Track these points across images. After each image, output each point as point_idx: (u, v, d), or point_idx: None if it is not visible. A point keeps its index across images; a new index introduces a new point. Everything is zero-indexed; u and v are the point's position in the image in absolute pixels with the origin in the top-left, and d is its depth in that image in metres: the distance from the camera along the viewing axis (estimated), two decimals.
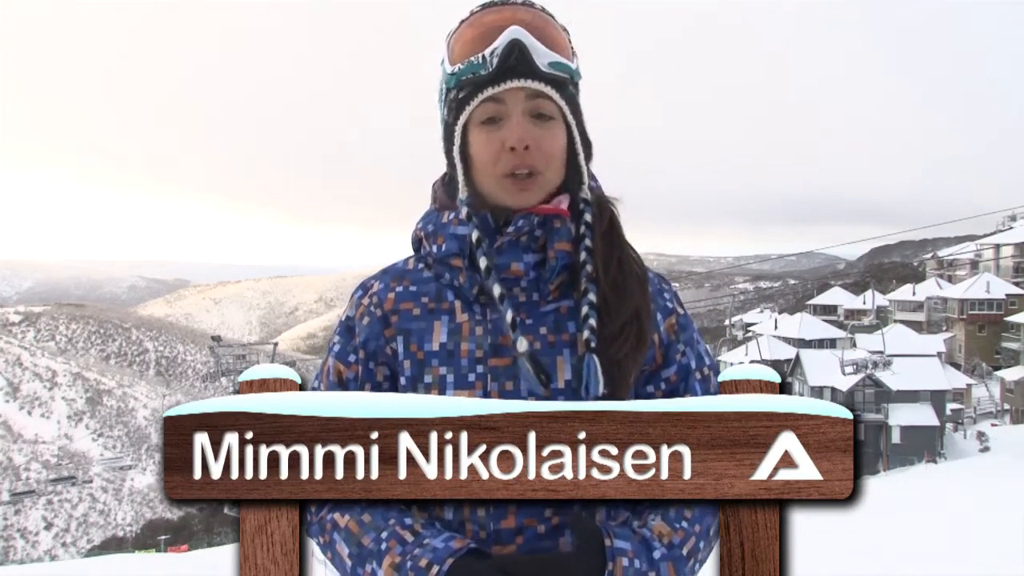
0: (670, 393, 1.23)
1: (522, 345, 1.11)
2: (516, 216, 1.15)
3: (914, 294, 57.56)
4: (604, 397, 1.12)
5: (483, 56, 1.10)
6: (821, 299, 66.53)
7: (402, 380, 1.19)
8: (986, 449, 33.85)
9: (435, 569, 1.02)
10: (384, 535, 1.08)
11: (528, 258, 1.15)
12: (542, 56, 1.11)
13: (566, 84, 1.15)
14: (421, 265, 1.25)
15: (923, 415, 36.09)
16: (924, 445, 35.21)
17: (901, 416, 36.20)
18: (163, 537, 46.10)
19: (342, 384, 1.23)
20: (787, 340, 50.86)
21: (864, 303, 60.20)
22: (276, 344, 31.70)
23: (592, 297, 1.14)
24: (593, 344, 1.12)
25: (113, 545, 57.41)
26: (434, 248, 1.20)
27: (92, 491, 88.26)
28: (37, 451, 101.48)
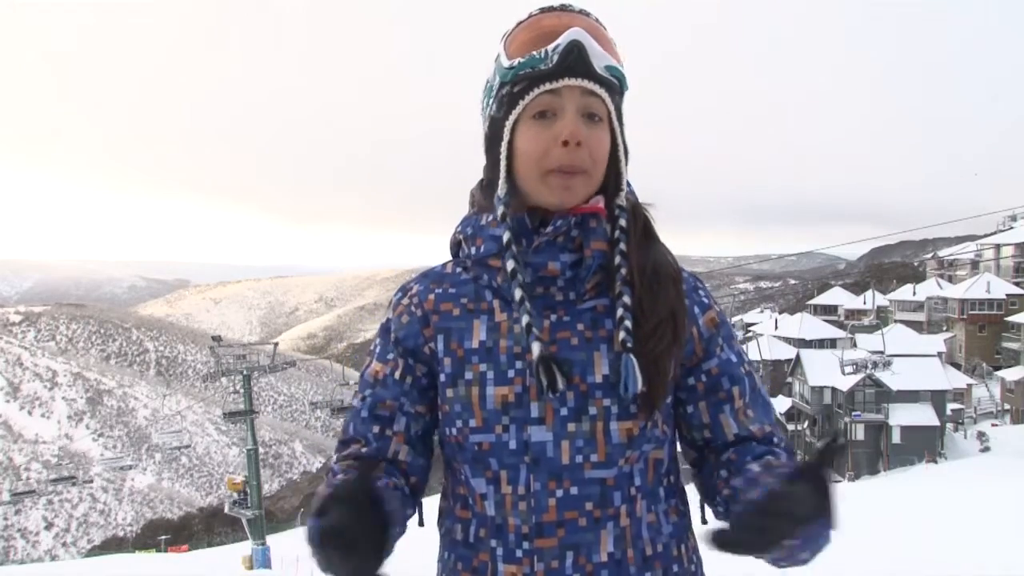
0: (711, 386, 1.24)
1: (535, 350, 1.12)
2: (555, 217, 1.17)
3: (914, 294, 57.45)
4: (642, 395, 1.14)
5: (545, 51, 1.12)
6: (821, 299, 66.45)
7: (442, 377, 1.20)
8: (986, 449, 33.83)
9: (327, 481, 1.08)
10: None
11: (565, 257, 1.17)
12: (599, 58, 1.13)
13: (616, 90, 1.17)
14: (459, 269, 1.27)
15: (923, 415, 36.07)
16: (924, 445, 35.20)
17: (901, 416, 36.18)
18: (163, 537, 46.11)
19: (379, 383, 1.24)
20: (787, 340, 50.86)
21: (864, 303, 60.15)
22: (276, 344, 31.60)
23: (627, 299, 1.16)
24: (629, 344, 1.13)
25: (113, 545, 57.44)
26: (473, 250, 1.22)
27: (92, 491, 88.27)
28: (37, 451, 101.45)
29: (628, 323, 1.14)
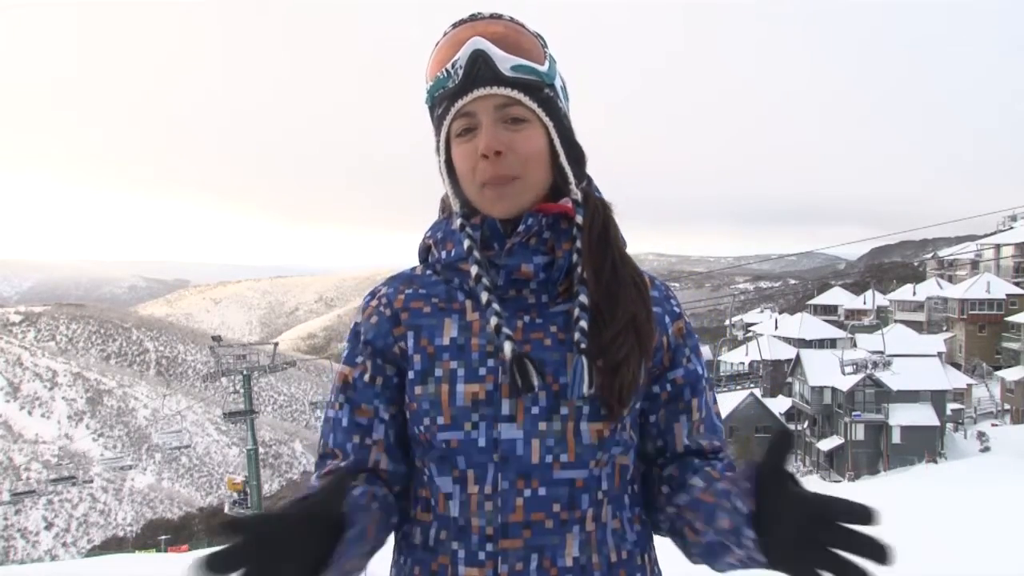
0: (675, 395, 1.24)
1: (507, 350, 1.11)
2: (525, 215, 1.16)
3: (914, 294, 57.53)
4: (604, 399, 1.13)
5: (446, 70, 1.13)
6: (821, 299, 66.58)
7: (411, 375, 1.18)
8: (986, 449, 33.83)
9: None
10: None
11: (537, 259, 1.16)
12: (504, 62, 1.11)
13: (538, 87, 1.15)
14: (429, 271, 1.25)
15: (923, 415, 36.09)
16: (924, 445, 35.21)
17: (901, 416, 36.20)
18: (163, 537, 46.00)
19: (346, 389, 1.22)
20: (787, 340, 50.88)
21: (864, 303, 60.23)
22: (276, 344, 31.60)
23: (583, 298, 1.14)
24: (583, 345, 1.12)
25: (113, 545, 57.35)
26: (443, 254, 1.21)
27: (92, 491, 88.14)
28: (37, 451, 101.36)
29: (584, 323, 1.13)
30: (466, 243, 1.17)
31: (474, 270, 1.15)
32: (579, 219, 1.18)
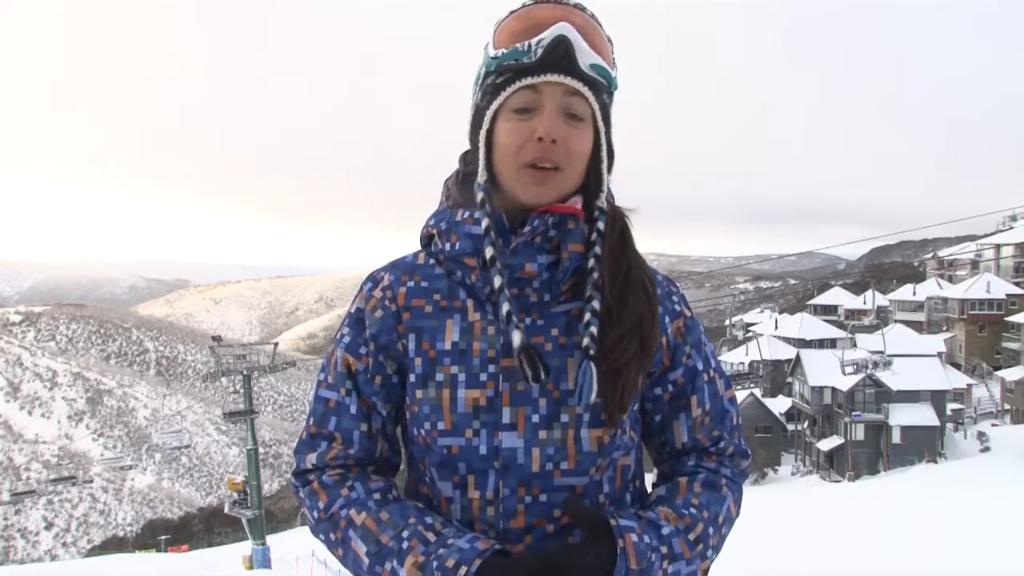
0: (677, 395, 1.24)
1: (516, 339, 1.09)
2: (532, 216, 1.14)
3: (914, 294, 57.52)
4: (605, 403, 1.13)
5: (529, 44, 1.10)
6: (821, 299, 66.55)
7: (412, 378, 1.17)
8: (986, 449, 33.82)
9: (463, 570, 1.02)
10: (405, 534, 1.08)
11: (542, 259, 1.14)
12: (585, 56, 1.10)
13: (603, 90, 1.14)
14: (432, 261, 1.23)
15: (923, 415, 36.08)
16: (924, 445, 35.20)
17: (901, 416, 36.19)
18: (163, 537, 46.03)
19: (351, 376, 1.21)
20: (787, 340, 50.88)
21: (864, 303, 60.17)
22: (276, 344, 31.55)
23: (596, 304, 1.14)
24: (592, 351, 1.11)
25: (113, 545, 57.35)
26: (447, 246, 1.18)
27: (92, 491, 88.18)
28: (37, 451, 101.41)
29: (594, 329, 1.12)
30: (485, 222, 1.13)
31: (489, 252, 1.12)
32: (601, 225, 1.17)
